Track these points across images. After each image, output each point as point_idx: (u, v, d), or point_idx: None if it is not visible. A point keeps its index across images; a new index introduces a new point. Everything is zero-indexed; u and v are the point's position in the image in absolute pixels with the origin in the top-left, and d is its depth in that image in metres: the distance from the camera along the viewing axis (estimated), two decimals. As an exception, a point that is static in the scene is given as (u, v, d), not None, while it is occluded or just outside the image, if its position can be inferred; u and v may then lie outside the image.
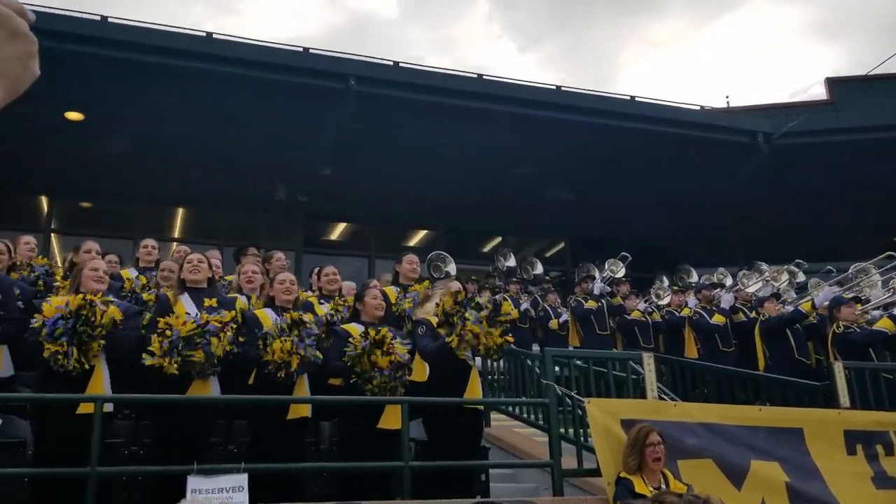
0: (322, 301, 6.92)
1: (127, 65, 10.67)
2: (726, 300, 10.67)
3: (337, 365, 5.69)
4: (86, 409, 4.75)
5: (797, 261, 12.70)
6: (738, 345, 10.21)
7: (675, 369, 8.95)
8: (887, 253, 10.96)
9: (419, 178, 13.90)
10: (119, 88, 11.23)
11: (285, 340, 5.27)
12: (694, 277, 14.57)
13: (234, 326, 5.27)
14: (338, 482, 5.79)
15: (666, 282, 13.76)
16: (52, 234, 13.27)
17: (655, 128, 13.31)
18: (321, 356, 5.50)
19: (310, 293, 7.28)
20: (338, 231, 15.83)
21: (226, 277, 7.54)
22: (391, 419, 5.50)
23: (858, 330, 8.24)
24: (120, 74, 10.82)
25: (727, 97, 44.29)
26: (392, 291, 7.18)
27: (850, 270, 11.51)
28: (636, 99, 13.85)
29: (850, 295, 9.92)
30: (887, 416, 6.30)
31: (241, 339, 5.34)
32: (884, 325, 8.36)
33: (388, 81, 12.04)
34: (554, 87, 13.57)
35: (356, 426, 5.66)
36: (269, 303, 6.12)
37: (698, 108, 14.48)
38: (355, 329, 5.86)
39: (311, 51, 12.14)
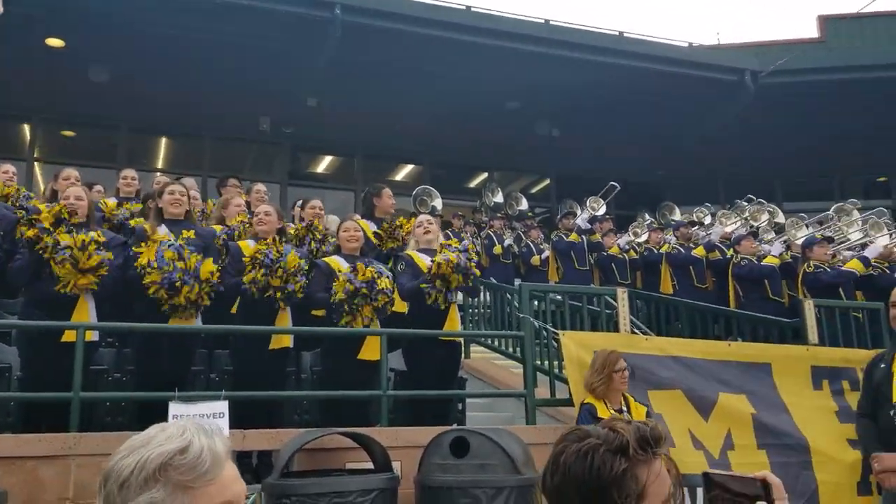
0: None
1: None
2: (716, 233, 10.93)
3: (319, 297, 5.78)
4: (70, 336, 4.83)
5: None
6: (714, 282, 10.38)
7: (651, 305, 9.11)
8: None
9: (406, 112, 13.78)
10: (102, 20, 11.02)
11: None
12: (677, 215, 14.65)
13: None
14: (318, 411, 5.95)
15: (648, 219, 13.83)
16: (35, 163, 13.15)
17: (642, 64, 13.17)
18: (297, 287, 5.59)
19: (291, 225, 7.30)
20: (323, 164, 15.74)
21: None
22: (371, 350, 5.62)
23: (829, 270, 8.30)
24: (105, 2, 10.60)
25: (717, 33, 43.80)
26: (367, 225, 7.15)
27: (830, 210, 11.62)
28: (624, 35, 13.69)
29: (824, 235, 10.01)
30: (854, 353, 6.38)
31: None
32: (853, 266, 8.42)
33: (374, 11, 11.82)
34: (542, 21, 13.38)
35: (337, 356, 5.79)
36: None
37: (686, 44, 14.34)
38: (339, 264, 5.92)
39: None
